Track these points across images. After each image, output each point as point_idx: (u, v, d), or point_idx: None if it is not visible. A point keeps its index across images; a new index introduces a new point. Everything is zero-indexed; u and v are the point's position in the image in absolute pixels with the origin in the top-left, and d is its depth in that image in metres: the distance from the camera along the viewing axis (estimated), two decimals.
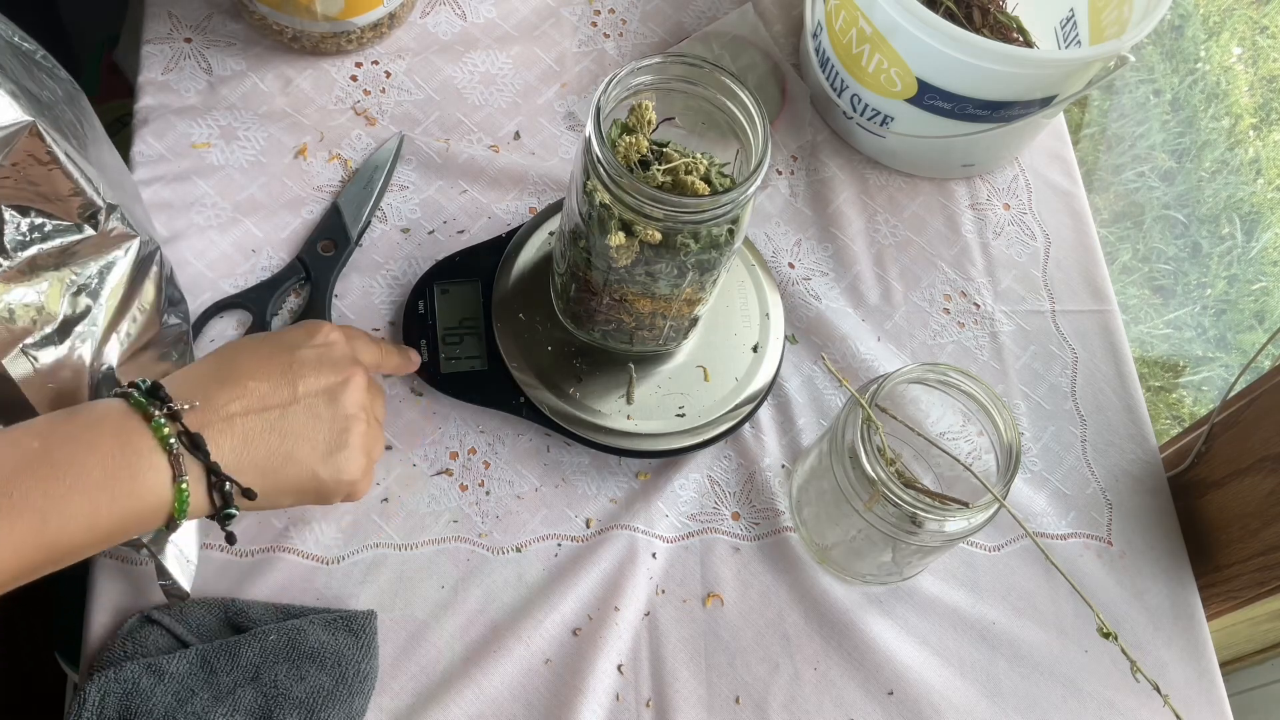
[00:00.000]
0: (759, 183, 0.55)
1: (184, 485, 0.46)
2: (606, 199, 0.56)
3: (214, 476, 0.48)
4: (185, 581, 0.60)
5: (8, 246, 0.50)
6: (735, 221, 0.58)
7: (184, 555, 0.60)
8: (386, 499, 0.66)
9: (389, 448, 0.67)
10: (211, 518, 0.49)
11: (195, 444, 0.47)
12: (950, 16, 0.77)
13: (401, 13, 0.80)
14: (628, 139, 0.57)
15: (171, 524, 0.48)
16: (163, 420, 0.46)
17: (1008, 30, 0.80)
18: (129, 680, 0.56)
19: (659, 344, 0.68)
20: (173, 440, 0.46)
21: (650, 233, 0.56)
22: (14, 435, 0.45)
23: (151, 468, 0.46)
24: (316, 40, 0.78)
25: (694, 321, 0.67)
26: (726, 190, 0.55)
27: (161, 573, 0.59)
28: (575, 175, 0.58)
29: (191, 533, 0.60)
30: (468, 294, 0.70)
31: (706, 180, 0.58)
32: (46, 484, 0.43)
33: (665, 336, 0.67)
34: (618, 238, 0.56)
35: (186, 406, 0.48)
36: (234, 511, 0.49)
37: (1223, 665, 0.70)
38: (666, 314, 0.64)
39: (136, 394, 0.47)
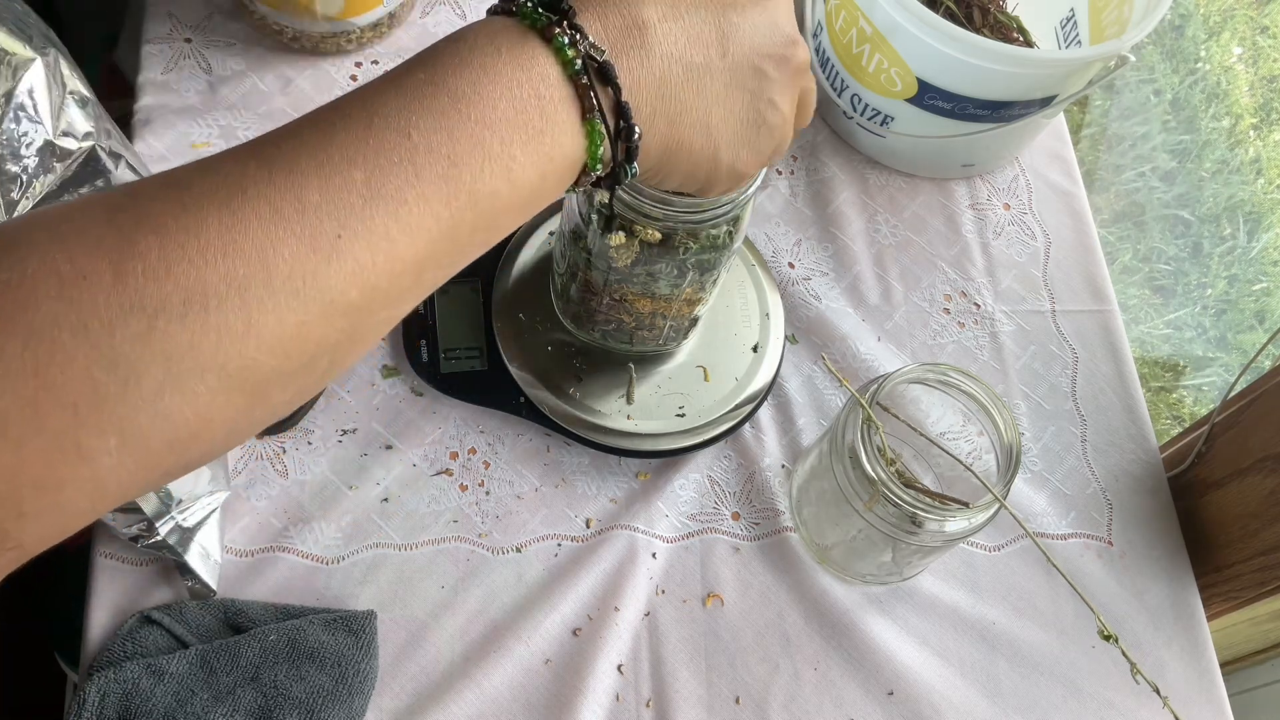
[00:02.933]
0: (759, 183, 0.55)
1: (596, 122, 0.36)
2: (606, 199, 0.56)
3: (622, 121, 0.37)
4: (211, 580, 0.60)
5: None
6: (735, 222, 0.57)
7: (208, 553, 0.60)
8: (386, 499, 0.66)
9: (389, 447, 0.67)
10: (599, 182, 0.39)
11: (605, 74, 0.36)
12: (950, 16, 0.77)
13: (401, 13, 0.80)
14: None
15: (581, 178, 0.38)
16: (565, 40, 0.36)
17: (1008, 30, 0.80)
18: (129, 680, 0.56)
19: (659, 344, 0.68)
20: (578, 64, 0.36)
21: (650, 233, 0.56)
22: (393, 72, 0.35)
23: (561, 100, 0.36)
24: (316, 40, 0.78)
25: (694, 321, 0.67)
26: None
27: (186, 572, 0.59)
28: None
29: (214, 530, 0.61)
30: (467, 294, 0.70)
31: None
32: (447, 118, 0.34)
33: (665, 336, 0.67)
34: (618, 238, 0.56)
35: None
36: (634, 169, 0.39)
37: (1223, 665, 0.70)
38: (666, 314, 0.64)
39: (528, 2, 0.37)
